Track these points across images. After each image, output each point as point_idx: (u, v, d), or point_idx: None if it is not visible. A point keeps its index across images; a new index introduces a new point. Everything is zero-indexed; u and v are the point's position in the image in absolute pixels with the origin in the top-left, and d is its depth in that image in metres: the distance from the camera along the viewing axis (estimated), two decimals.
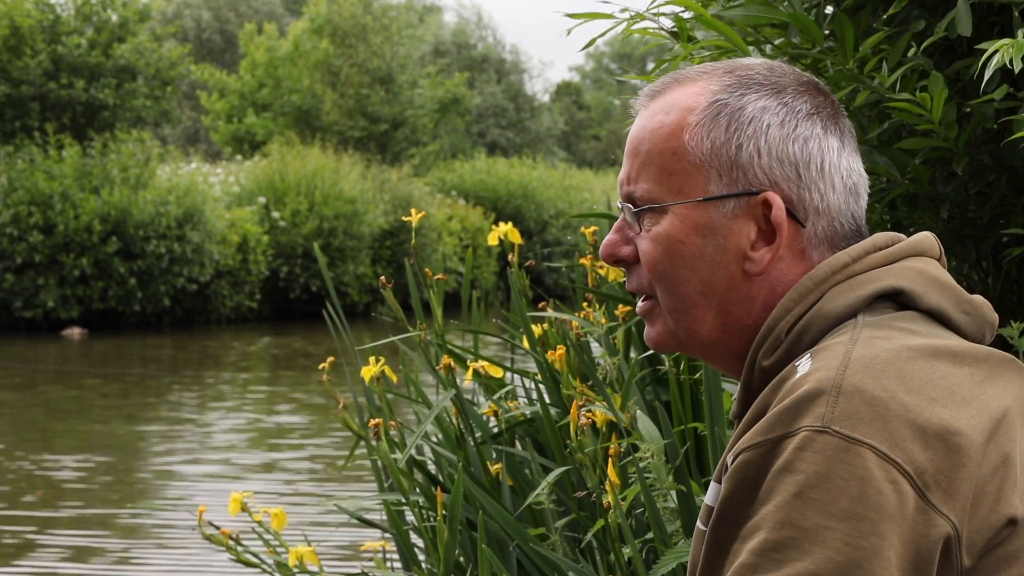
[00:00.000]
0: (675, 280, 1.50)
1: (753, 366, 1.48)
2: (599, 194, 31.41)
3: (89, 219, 20.44)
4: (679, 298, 1.51)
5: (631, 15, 2.57)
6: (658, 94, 1.54)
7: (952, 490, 1.30)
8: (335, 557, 7.02)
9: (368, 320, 22.66)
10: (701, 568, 1.40)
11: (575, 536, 3.32)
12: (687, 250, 1.49)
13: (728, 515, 1.36)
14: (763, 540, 1.29)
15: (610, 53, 66.00)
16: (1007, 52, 2.12)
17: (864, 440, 1.29)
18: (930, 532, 1.29)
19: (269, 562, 3.47)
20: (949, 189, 2.63)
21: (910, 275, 1.46)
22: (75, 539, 7.96)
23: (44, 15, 22.27)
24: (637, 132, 1.53)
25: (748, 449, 1.34)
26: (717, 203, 1.49)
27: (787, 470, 1.30)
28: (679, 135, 1.50)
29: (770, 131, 1.49)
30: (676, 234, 1.49)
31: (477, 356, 3.63)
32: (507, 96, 46.59)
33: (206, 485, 9.42)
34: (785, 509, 1.29)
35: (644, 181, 1.51)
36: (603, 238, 4.09)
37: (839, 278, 1.46)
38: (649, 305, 1.54)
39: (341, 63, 30.93)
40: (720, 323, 1.50)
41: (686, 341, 1.53)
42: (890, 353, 1.36)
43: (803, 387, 1.34)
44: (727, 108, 1.49)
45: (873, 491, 1.28)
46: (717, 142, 1.49)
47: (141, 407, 13.63)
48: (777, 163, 1.48)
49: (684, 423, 3.29)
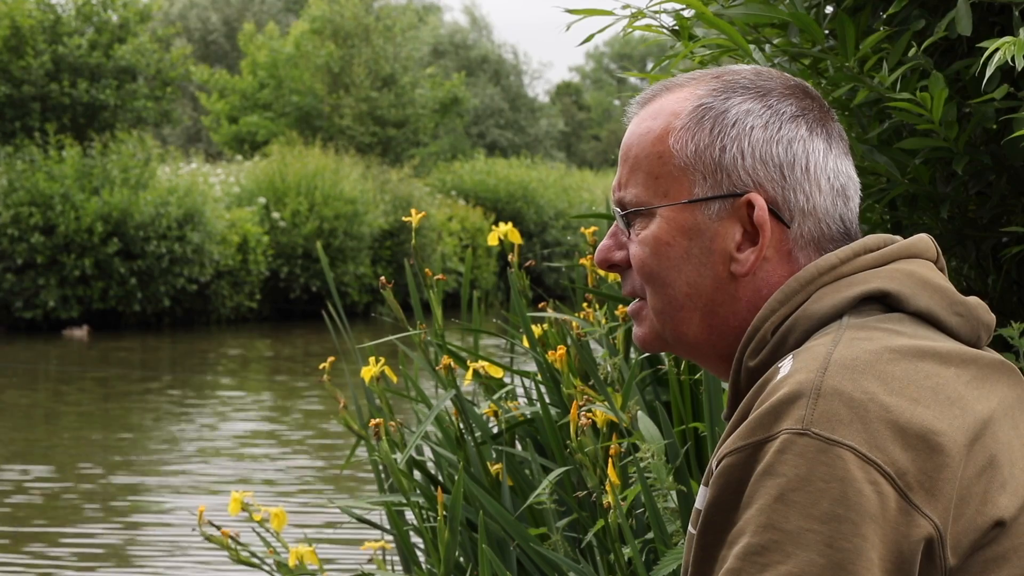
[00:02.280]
0: (662, 282, 1.51)
1: (740, 367, 1.49)
2: (599, 194, 31.42)
3: (89, 220, 20.45)
4: (666, 299, 1.52)
5: (631, 12, 2.57)
6: (648, 101, 1.56)
7: (935, 490, 1.30)
8: (335, 557, 7.02)
9: (368, 320, 22.66)
10: (691, 574, 1.40)
11: (575, 536, 3.32)
12: (674, 252, 1.50)
13: (715, 521, 1.36)
14: (746, 544, 1.30)
15: (610, 53, 66.01)
16: (1008, 51, 2.12)
17: (844, 442, 1.29)
18: (912, 532, 1.29)
19: (269, 562, 3.47)
20: (949, 189, 2.63)
21: (899, 277, 1.46)
22: (75, 538, 7.97)
23: (45, 15, 22.29)
24: (627, 139, 1.56)
25: (730, 454, 1.35)
26: (702, 205, 1.50)
27: (768, 473, 1.31)
28: (665, 139, 1.51)
29: (753, 133, 1.49)
30: (663, 236, 1.51)
31: (477, 356, 3.63)
32: (505, 98, 46.57)
33: (205, 485, 9.42)
34: (767, 512, 1.29)
35: (633, 186, 1.53)
36: (602, 239, 4.10)
37: (826, 279, 1.46)
38: (638, 306, 1.56)
39: (344, 66, 30.93)
40: (707, 324, 1.51)
41: (673, 342, 1.55)
42: (871, 354, 1.36)
43: (782, 390, 1.34)
44: (711, 111, 1.50)
45: (854, 492, 1.28)
46: (701, 145, 1.50)
47: (140, 407, 13.63)
48: (761, 164, 1.49)
49: (684, 423, 3.29)
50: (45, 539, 7.94)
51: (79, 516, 8.56)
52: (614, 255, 1.57)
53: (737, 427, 1.39)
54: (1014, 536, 1.33)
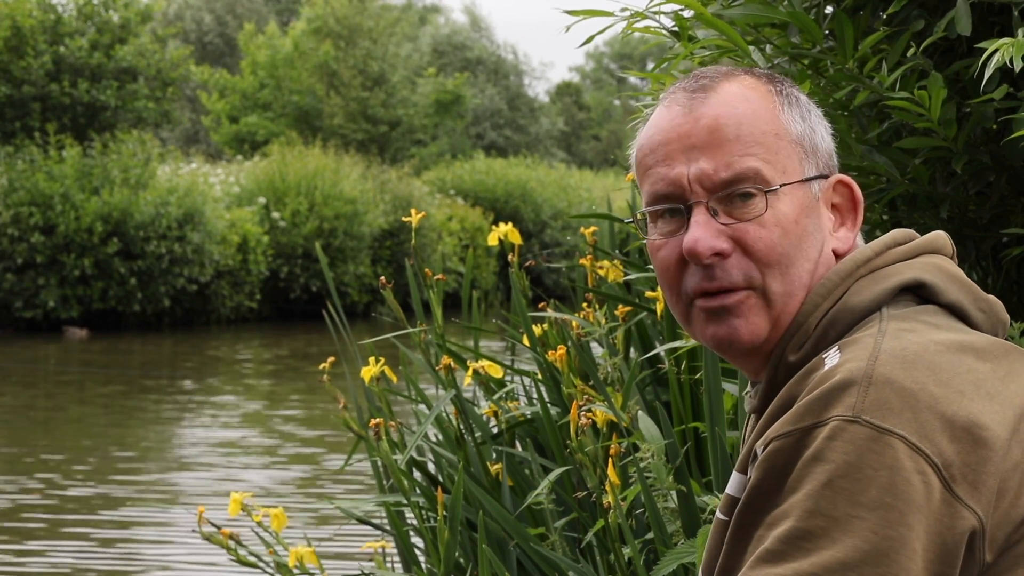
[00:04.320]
0: (790, 263, 1.48)
1: (779, 361, 1.49)
2: (599, 194, 31.40)
3: (89, 220, 20.44)
4: (790, 281, 1.48)
5: (631, 13, 2.57)
6: (709, 88, 1.51)
7: (978, 483, 1.31)
8: (335, 557, 7.02)
9: (368, 320, 22.65)
10: (724, 552, 1.40)
11: (575, 536, 3.32)
12: (800, 230, 1.49)
13: (756, 502, 1.36)
14: (791, 528, 1.30)
15: (610, 53, 65.99)
16: (1007, 51, 2.12)
17: (894, 430, 1.30)
18: (956, 525, 1.29)
19: (269, 562, 3.47)
20: (949, 189, 2.63)
21: (931, 270, 1.48)
22: (73, 537, 7.97)
23: (46, 16, 22.27)
24: (721, 118, 1.49)
25: (779, 438, 1.35)
26: (811, 183, 1.52)
27: (817, 459, 1.31)
28: (776, 117, 1.51)
29: (821, 120, 1.56)
30: (791, 214, 1.49)
31: (477, 356, 3.63)
32: (505, 98, 46.54)
33: (205, 485, 9.42)
34: (815, 498, 1.30)
35: (752, 160, 1.48)
36: (603, 238, 4.09)
37: (862, 272, 1.48)
38: (743, 296, 1.48)
39: (339, 66, 30.94)
40: (800, 306, 1.50)
41: (782, 329, 1.49)
42: (919, 346, 1.37)
43: (834, 377, 1.35)
44: (792, 96, 1.54)
45: (902, 481, 1.29)
46: (801, 125, 1.53)
47: (139, 407, 13.63)
48: (830, 149, 1.56)
49: (684, 423, 3.29)
50: (46, 536, 7.94)
51: (78, 516, 8.56)
52: (720, 243, 1.48)
53: (777, 415, 1.39)
54: None
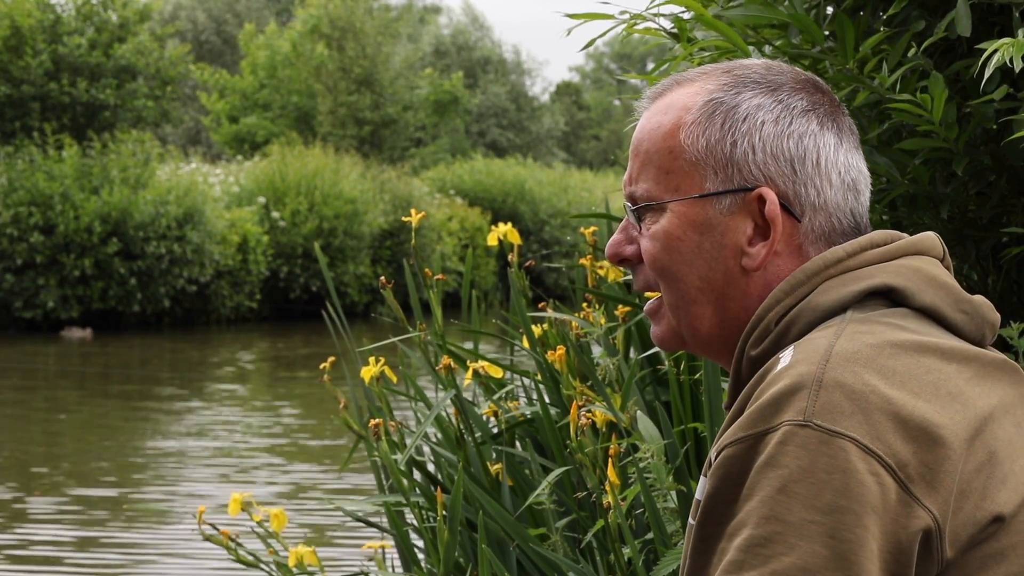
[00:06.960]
0: (674, 276, 1.52)
1: (742, 356, 1.50)
2: (599, 194, 31.40)
3: (89, 219, 20.44)
4: (679, 294, 1.53)
5: (630, 16, 2.57)
6: (659, 96, 1.56)
7: (935, 483, 1.31)
8: (335, 557, 7.02)
9: (368, 320, 22.66)
10: (689, 565, 1.40)
11: (575, 536, 3.32)
12: (685, 246, 1.51)
13: (714, 512, 1.36)
14: (749, 536, 1.30)
15: (610, 53, 65.98)
16: (1007, 51, 2.12)
17: (845, 433, 1.30)
18: (910, 524, 1.29)
19: (269, 562, 3.47)
20: (949, 189, 2.63)
21: (905, 273, 1.46)
22: (73, 538, 7.97)
23: (45, 15, 22.27)
24: (638, 134, 1.56)
25: (731, 445, 1.35)
26: (713, 200, 1.50)
27: (770, 465, 1.31)
28: (676, 134, 1.51)
29: (764, 128, 1.49)
30: (674, 231, 1.51)
31: (477, 356, 3.63)
32: (508, 97, 46.55)
33: (205, 485, 9.42)
34: (769, 504, 1.30)
35: (644, 181, 1.53)
36: (603, 238, 4.10)
37: (832, 272, 1.47)
38: (656, 304, 1.57)
39: (331, 66, 30.96)
40: (719, 319, 1.52)
41: (688, 338, 1.55)
42: (872, 348, 1.36)
43: (783, 381, 1.35)
44: (722, 106, 1.50)
45: (856, 483, 1.29)
46: (712, 139, 1.50)
47: (139, 407, 13.63)
48: (772, 159, 1.49)
49: (684, 423, 3.29)
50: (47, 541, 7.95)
51: (78, 516, 8.57)
52: (624, 249, 1.57)
53: (737, 417, 1.39)
54: (1013, 533, 1.34)
